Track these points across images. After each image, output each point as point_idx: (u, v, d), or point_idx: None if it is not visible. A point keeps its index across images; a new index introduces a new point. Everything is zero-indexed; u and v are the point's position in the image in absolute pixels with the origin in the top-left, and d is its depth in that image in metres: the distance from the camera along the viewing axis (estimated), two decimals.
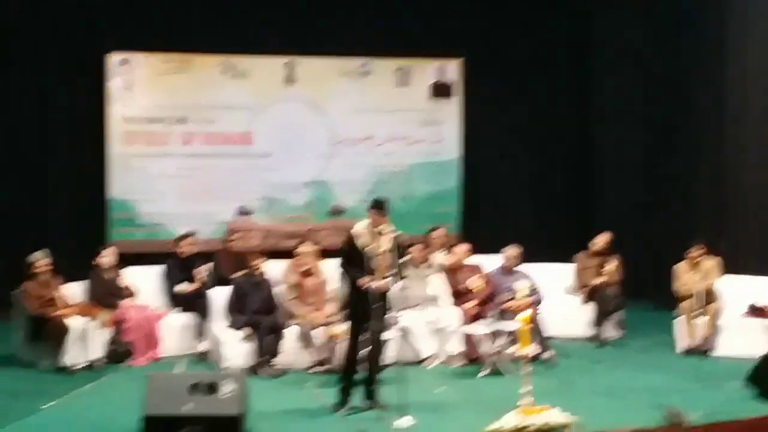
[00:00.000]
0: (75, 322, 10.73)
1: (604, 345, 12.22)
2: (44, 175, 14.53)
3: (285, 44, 15.23)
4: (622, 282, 12.71)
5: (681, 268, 12.15)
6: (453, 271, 11.90)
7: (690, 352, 11.71)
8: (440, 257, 12.59)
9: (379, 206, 9.15)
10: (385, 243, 9.02)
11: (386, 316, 9.12)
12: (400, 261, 9.24)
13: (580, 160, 16.32)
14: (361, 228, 9.14)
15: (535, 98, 16.16)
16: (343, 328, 9.80)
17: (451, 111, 15.80)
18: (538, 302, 11.70)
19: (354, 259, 9.04)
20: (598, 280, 12.52)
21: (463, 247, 12.02)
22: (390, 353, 9.86)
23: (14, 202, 14.35)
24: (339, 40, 15.33)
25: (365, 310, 8.85)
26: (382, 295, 8.86)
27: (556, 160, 16.25)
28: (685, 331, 11.81)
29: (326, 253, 11.76)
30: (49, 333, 10.74)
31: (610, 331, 12.43)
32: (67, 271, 11.62)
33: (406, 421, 8.44)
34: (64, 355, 10.64)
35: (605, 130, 15.98)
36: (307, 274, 11.34)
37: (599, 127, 16.12)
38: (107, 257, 11.77)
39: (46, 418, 8.85)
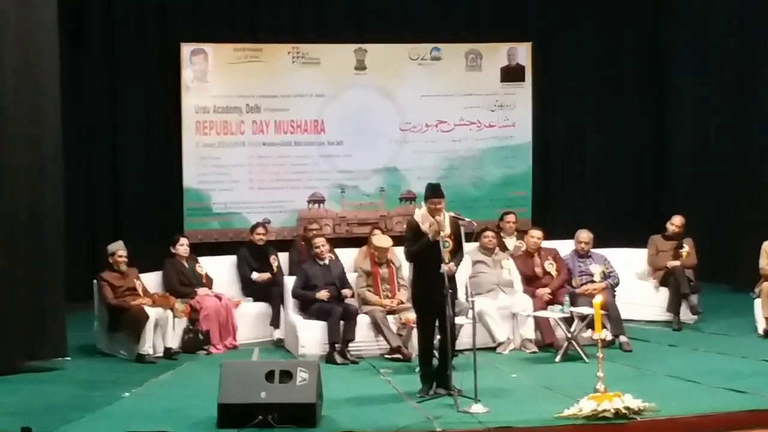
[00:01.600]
0: (152, 312, 10.87)
1: (680, 329, 12.09)
2: (119, 165, 14.75)
3: (355, 31, 15.28)
4: (697, 265, 12.57)
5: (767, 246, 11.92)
6: (527, 256, 11.85)
7: None
8: (513, 242, 12.56)
9: (434, 192, 9.10)
10: (447, 227, 8.98)
11: (456, 301, 9.11)
12: (464, 244, 9.18)
13: (652, 143, 16.13)
14: (420, 215, 9.12)
15: (606, 81, 16.01)
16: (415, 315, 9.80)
17: (523, 95, 15.71)
18: (614, 286, 11.62)
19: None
20: (673, 264, 12.38)
21: (536, 232, 11.95)
22: (463, 339, 9.84)
23: (90, 192, 14.60)
24: (409, 26, 15.33)
25: (432, 296, 8.84)
26: (450, 279, 8.83)
27: (627, 143, 16.08)
28: (765, 312, 11.60)
29: (398, 240, 11.77)
30: (127, 322, 10.88)
31: (686, 314, 12.29)
32: (143, 261, 11.78)
33: (479, 407, 8.43)
34: (143, 345, 10.79)
35: (677, 113, 15.78)
36: (380, 262, 11.36)
37: (671, 110, 15.92)
38: (184, 246, 11.91)
39: (126, 406, 8.96)
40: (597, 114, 15.97)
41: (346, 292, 11.19)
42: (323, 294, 11.03)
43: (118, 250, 11.26)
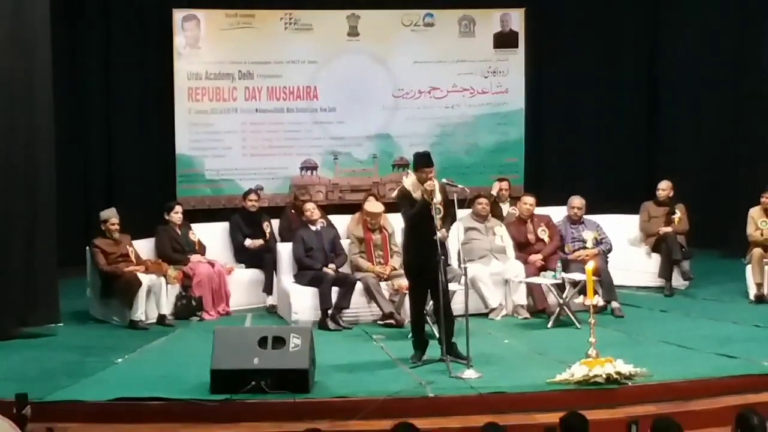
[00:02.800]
0: (145, 278, 10.86)
1: (672, 294, 12.11)
2: (112, 132, 14.67)
3: None
4: (689, 231, 12.57)
5: (755, 213, 11.95)
6: (519, 223, 11.85)
7: (761, 299, 11.54)
8: (506, 209, 12.56)
9: (424, 161, 9.06)
10: (437, 194, 8.96)
11: (449, 267, 9.10)
12: (454, 211, 9.17)
13: (646, 110, 16.08)
14: (411, 183, 9.09)
15: (600, 47, 15.93)
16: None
17: (516, 61, 15.62)
18: (606, 252, 11.63)
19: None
20: (665, 230, 12.38)
21: (529, 199, 11.93)
22: (456, 305, 9.85)
23: (83, 158, 14.54)
24: None
25: (425, 263, 8.83)
26: (442, 246, 8.82)
27: (621, 109, 16.03)
28: (756, 278, 11.63)
29: (390, 207, 11.76)
30: (120, 289, 10.88)
31: (678, 280, 12.31)
32: (135, 227, 11.76)
33: (471, 373, 8.45)
34: (135, 311, 10.79)
35: (671, 79, 15.72)
36: (372, 228, 11.36)
37: (665, 76, 15.86)
38: (179, 213, 11.87)
39: (118, 372, 8.99)
40: (591, 80, 15.89)
41: (331, 267, 11.14)
42: (330, 269, 11.02)
43: (111, 217, 11.23)
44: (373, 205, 11.65)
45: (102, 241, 11.12)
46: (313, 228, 11.45)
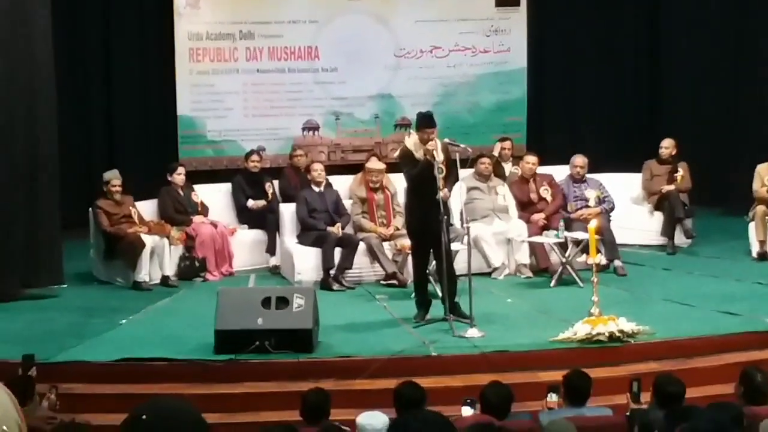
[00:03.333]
0: (148, 239, 10.87)
1: (675, 252, 12.11)
2: (113, 93, 14.63)
3: None
4: (691, 189, 12.56)
5: (762, 169, 11.88)
6: (522, 182, 11.84)
7: (764, 257, 11.52)
8: (508, 168, 12.54)
9: (426, 122, 9.03)
10: (439, 153, 8.94)
11: (451, 227, 9.11)
12: (457, 171, 9.15)
13: (648, 67, 16.01)
14: (412, 143, 9.06)
15: (602, 3, 15.84)
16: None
17: (518, 19, 15.51)
18: (609, 210, 11.63)
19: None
20: (667, 188, 12.36)
21: (531, 158, 11.91)
22: (459, 264, 9.85)
23: (85, 120, 14.50)
24: None
25: (428, 223, 8.83)
26: (444, 205, 8.81)
27: (624, 67, 15.96)
28: (759, 235, 11.61)
29: (391, 167, 11.75)
30: (123, 250, 10.90)
31: (680, 238, 12.31)
32: (138, 188, 11.77)
33: (474, 332, 8.47)
34: (139, 272, 10.80)
35: (674, 34, 15.64)
36: (375, 188, 11.35)
37: (669, 33, 15.77)
38: (182, 175, 11.86)
39: (123, 332, 9.02)
40: (593, 38, 15.81)
41: (336, 227, 11.14)
42: (336, 229, 11.02)
43: (113, 178, 11.22)
44: (375, 163, 11.65)
45: (105, 203, 11.12)
46: (317, 189, 11.44)
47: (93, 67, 14.54)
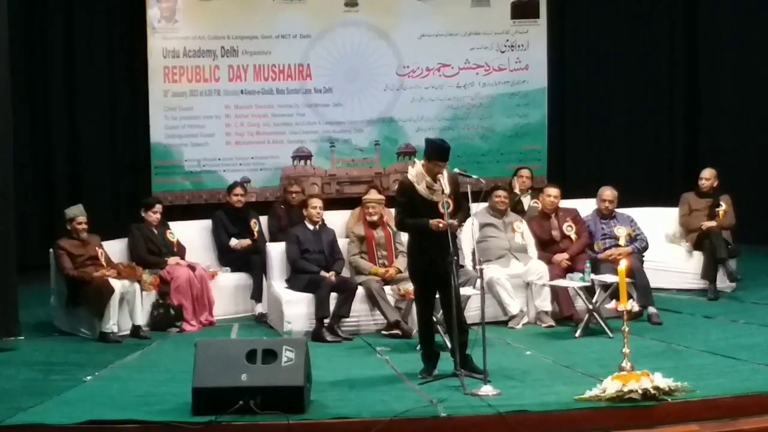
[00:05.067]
0: (117, 284, 10.86)
1: (717, 298, 12.12)
2: (78, 118, 14.70)
3: None
4: (735, 225, 12.58)
5: None
6: (542, 218, 11.86)
7: None
8: (526, 202, 12.57)
9: (439, 155, 8.92)
10: (446, 186, 8.94)
11: (462, 269, 9.10)
12: (467, 205, 9.14)
13: (684, 90, 16.08)
14: (415, 174, 9.04)
15: (632, 17, 15.94)
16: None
17: (537, 34, 15.64)
18: (641, 250, 11.64)
19: (415, 211, 8.98)
20: (708, 224, 12.38)
21: (553, 190, 11.94)
22: (471, 312, 9.86)
23: (45, 149, 14.55)
24: None
25: (434, 264, 8.83)
26: (453, 244, 8.80)
27: (657, 87, 16.04)
28: None
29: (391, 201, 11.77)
30: (88, 296, 10.87)
31: (723, 281, 12.32)
32: (105, 227, 11.80)
33: (489, 389, 8.46)
34: (107, 322, 10.79)
35: (714, 51, 15.73)
36: (374, 225, 11.38)
37: (708, 48, 15.86)
38: (158, 213, 11.84)
39: (87, 391, 8.97)
40: (622, 55, 15.92)
41: (331, 274, 11.16)
42: (330, 275, 11.04)
43: (78, 215, 11.22)
44: (373, 194, 11.71)
45: (68, 242, 11.12)
46: (311, 227, 11.46)
47: (54, 88, 14.62)
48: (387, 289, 10.97)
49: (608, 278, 10.69)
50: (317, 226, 11.53)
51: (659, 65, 16.07)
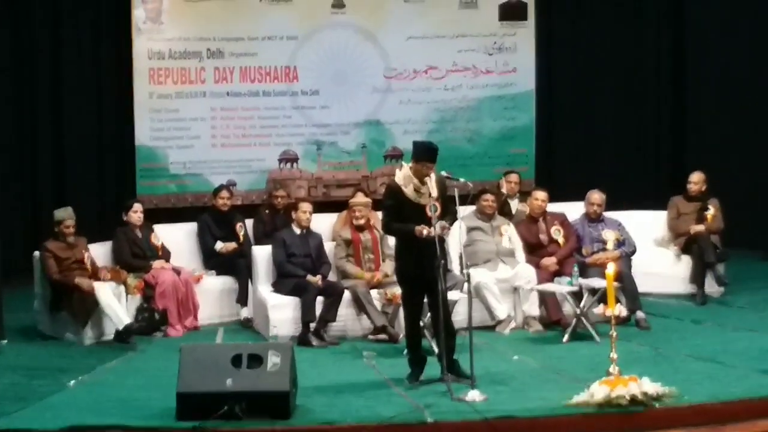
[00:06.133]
0: (103, 291, 10.81)
1: (705, 302, 12.14)
2: (62, 120, 14.64)
3: None
4: (724, 229, 12.60)
5: None
6: (530, 222, 11.87)
7: None
8: (514, 206, 12.57)
9: (428, 155, 8.97)
10: (434, 189, 8.94)
11: (449, 273, 9.09)
12: (455, 208, 9.14)
13: (672, 91, 16.11)
14: (402, 177, 9.05)
15: (621, 19, 15.97)
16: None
17: (525, 35, 15.65)
18: (629, 254, 11.65)
19: (402, 214, 8.98)
20: (696, 228, 12.40)
21: (540, 194, 11.94)
22: (458, 317, 9.85)
23: (29, 152, 14.50)
24: None
25: (421, 268, 8.83)
26: (441, 248, 8.80)
27: (644, 90, 16.07)
28: None
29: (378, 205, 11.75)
30: (71, 303, 10.83)
31: (712, 286, 12.34)
32: (89, 230, 11.76)
33: (476, 395, 8.46)
34: (90, 326, 10.76)
35: (701, 56, 15.77)
36: (361, 228, 11.37)
37: (695, 51, 15.89)
38: (138, 213, 11.85)
39: (71, 396, 8.95)
40: (610, 57, 15.94)
41: (316, 279, 11.14)
42: (316, 279, 11.03)
43: (66, 218, 11.15)
44: (359, 197, 11.71)
45: (54, 245, 11.06)
46: (298, 230, 11.45)
47: (39, 89, 14.56)
48: (374, 293, 10.96)
49: (596, 282, 10.70)
50: (304, 231, 11.51)
51: (647, 68, 16.10)
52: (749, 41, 15.12)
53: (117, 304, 10.86)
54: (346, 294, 10.94)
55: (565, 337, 10.69)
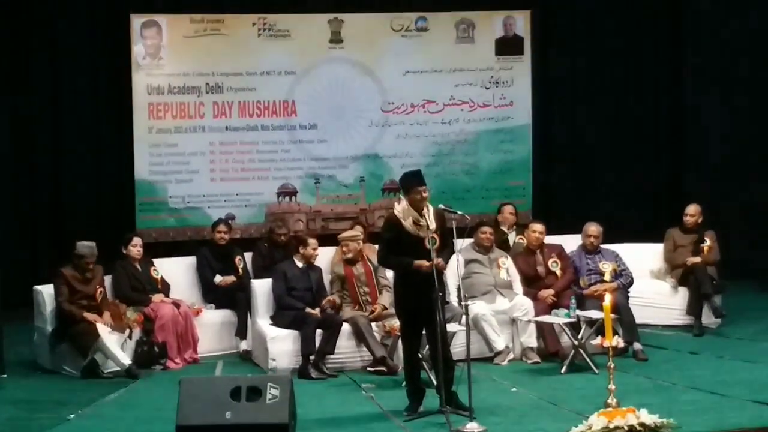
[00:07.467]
0: (105, 334, 10.79)
1: (702, 334, 12.13)
2: (61, 154, 14.66)
3: (329, 0, 15.27)
4: (720, 261, 12.61)
5: None
6: (528, 254, 11.88)
7: None
8: (511, 238, 12.58)
9: (416, 179, 9.02)
10: (432, 222, 8.96)
11: (447, 305, 9.10)
12: (452, 241, 9.15)
13: (669, 126, 16.14)
14: (401, 210, 9.07)
15: (617, 53, 16.00)
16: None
17: (521, 69, 15.70)
18: (627, 286, 11.65)
19: (401, 247, 9.00)
20: (693, 260, 12.41)
21: (538, 226, 11.96)
22: (456, 348, 9.85)
23: (28, 186, 14.50)
24: None
25: (419, 301, 8.84)
26: (439, 281, 8.81)
27: (643, 124, 16.09)
28: None
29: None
30: (74, 335, 10.83)
31: (709, 317, 12.33)
32: None
33: (474, 426, 8.45)
34: (121, 358, 10.77)
35: (698, 90, 15.81)
36: (352, 262, 11.36)
37: (691, 87, 15.94)
38: (137, 246, 11.86)
39: (71, 429, 8.95)
40: (607, 91, 15.97)
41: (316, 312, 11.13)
42: (315, 312, 11.03)
43: (88, 256, 11.03)
44: (353, 231, 11.72)
45: (71, 273, 10.99)
46: (300, 264, 11.45)
47: (37, 124, 14.58)
48: (373, 324, 10.96)
49: (593, 314, 10.70)
50: (305, 264, 11.51)
51: (644, 101, 16.12)
52: (750, 72, 15.18)
53: (118, 349, 10.86)
54: (345, 326, 10.93)
55: (563, 369, 10.68)
